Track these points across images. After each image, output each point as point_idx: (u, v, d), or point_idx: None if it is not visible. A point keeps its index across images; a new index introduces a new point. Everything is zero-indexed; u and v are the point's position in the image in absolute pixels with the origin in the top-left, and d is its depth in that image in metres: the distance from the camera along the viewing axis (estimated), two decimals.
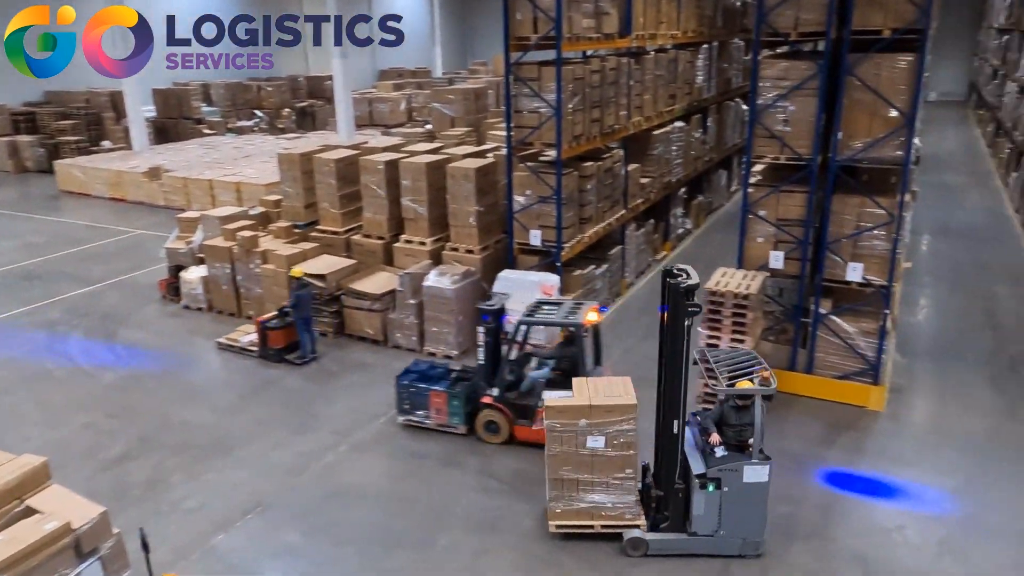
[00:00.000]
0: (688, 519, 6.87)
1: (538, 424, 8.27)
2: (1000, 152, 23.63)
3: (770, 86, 9.17)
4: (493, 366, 8.75)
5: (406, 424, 9.16)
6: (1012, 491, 7.84)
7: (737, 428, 6.83)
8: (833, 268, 9.33)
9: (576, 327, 8.41)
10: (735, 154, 19.78)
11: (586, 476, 6.91)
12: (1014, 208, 18.78)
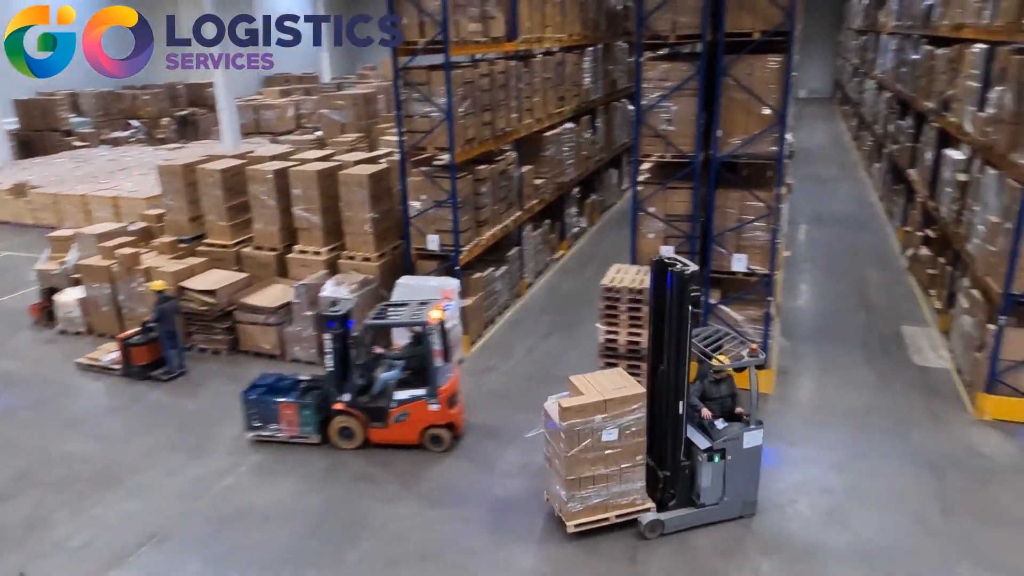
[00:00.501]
0: (694, 493, 7.23)
1: (392, 425, 8.61)
2: (864, 144, 25.42)
3: (653, 87, 9.50)
4: (343, 372, 8.74)
5: (256, 440, 8.93)
6: (888, 460, 8.44)
7: (718, 400, 7.35)
8: (719, 260, 9.77)
9: (422, 326, 8.54)
10: (624, 153, 20.37)
11: (602, 471, 7.00)
12: (878, 196, 20.23)
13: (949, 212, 11.87)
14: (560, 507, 7.19)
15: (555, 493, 7.30)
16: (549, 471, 7.43)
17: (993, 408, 9.09)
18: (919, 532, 7.26)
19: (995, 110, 9.81)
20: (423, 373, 8.67)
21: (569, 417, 6.79)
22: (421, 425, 8.67)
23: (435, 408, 8.62)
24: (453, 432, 8.84)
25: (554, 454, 7.18)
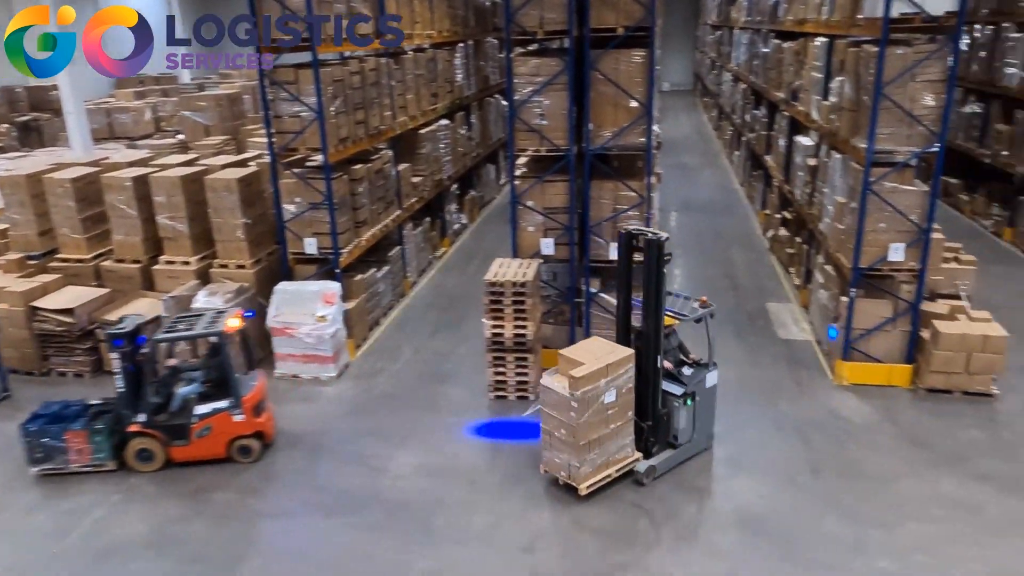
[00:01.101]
0: (671, 435, 8.12)
1: (195, 441, 8.29)
2: (724, 134, 26.87)
3: (524, 82, 9.64)
4: (136, 391, 8.30)
5: (43, 474, 8.30)
6: (761, 429, 8.99)
7: (671, 352, 8.25)
8: (598, 250, 10.06)
9: (218, 336, 8.29)
10: (500, 148, 20.57)
11: (604, 431, 7.55)
12: (740, 182, 21.46)
13: (802, 195, 12.76)
14: (569, 474, 7.62)
15: (560, 462, 7.65)
16: (549, 443, 7.73)
17: (849, 374, 9.86)
18: (791, 493, 7.78)
19: (836, 99, 10.62)
20: (224, 384, 8.38)
21: (581, 386, 7.22)
22: (227, 438, 8.36)
23: (240, 419, 8.34)
24: (263, 441, 8.59)
25: (559, 425, 7.50)
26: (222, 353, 8.34)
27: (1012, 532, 7.10)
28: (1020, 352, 10.20)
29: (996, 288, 12.59)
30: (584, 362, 7.39)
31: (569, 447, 7.48)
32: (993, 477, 7.90)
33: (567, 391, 7.30)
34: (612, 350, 7.71)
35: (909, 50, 8.81)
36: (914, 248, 9.34)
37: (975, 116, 17.05)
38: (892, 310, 9.62)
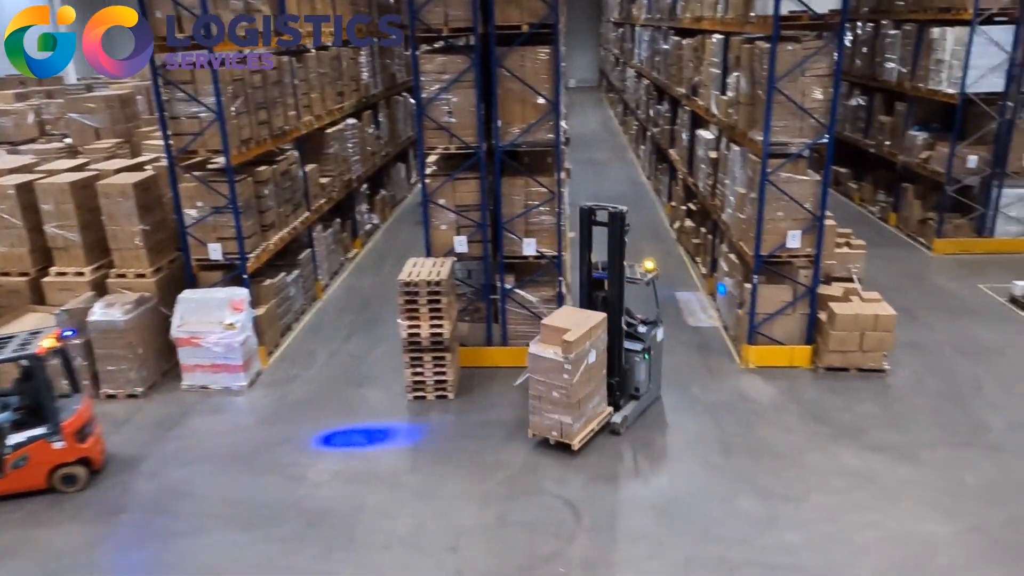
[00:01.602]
0: (633, 388, 9.07)
1: (9, 473, 7.72)
2: (630, 129, 27.52)
3: (431, 80, 9.59)
4: None
5: None
6: (675, 413, 9.26)
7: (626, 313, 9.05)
8: (511, 245, 10.12)
9: (30, 359, 7.72)
10: (410, 147, 20.38)
11: (589, 390, 8.35)
12: (646, 175, 22.03)
13: (705, 187, 13.22)
14: (561, 432, 8.33)
15: (550, 423, 8.37)
16: (539, 408, 8.36)
17: (755, 357, 10.30)
18: (707, 474, 8.07)
19: (733, 93, 11.05)
20: (40, 410, 7.83)
21: (573, 349, 7.96)
22: (47, 467, 7.81)
23: (61, 446, 7.79)
24: (90, 467, 8.07)
25: (551, 388, 8.18)
26: (36, 377, 7.74)
27: (906, 497, 7.58)
28: (907, 329, 10.92)
29: (884, 270, 13.43)
30: (569, 328, 8.12)
31: (563, 407, 8.19)
32: (887, 447, 8.41)
33: (560, 356, 7.99)
34: (588, 316, 8.49)
35: (798, 46, 9.25)
36: (809, 235, 9.83)
37: (860, 108, 18.09)
38: (792, 294, 10.10)
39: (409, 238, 16.45)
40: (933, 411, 9.13)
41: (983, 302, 12.33)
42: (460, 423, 9.23)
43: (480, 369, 10.42)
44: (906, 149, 15.69)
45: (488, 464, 8.33)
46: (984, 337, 11.02)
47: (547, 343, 8.21)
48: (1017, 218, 14.52)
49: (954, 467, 8.04)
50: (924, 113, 15.62)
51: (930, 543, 6.94)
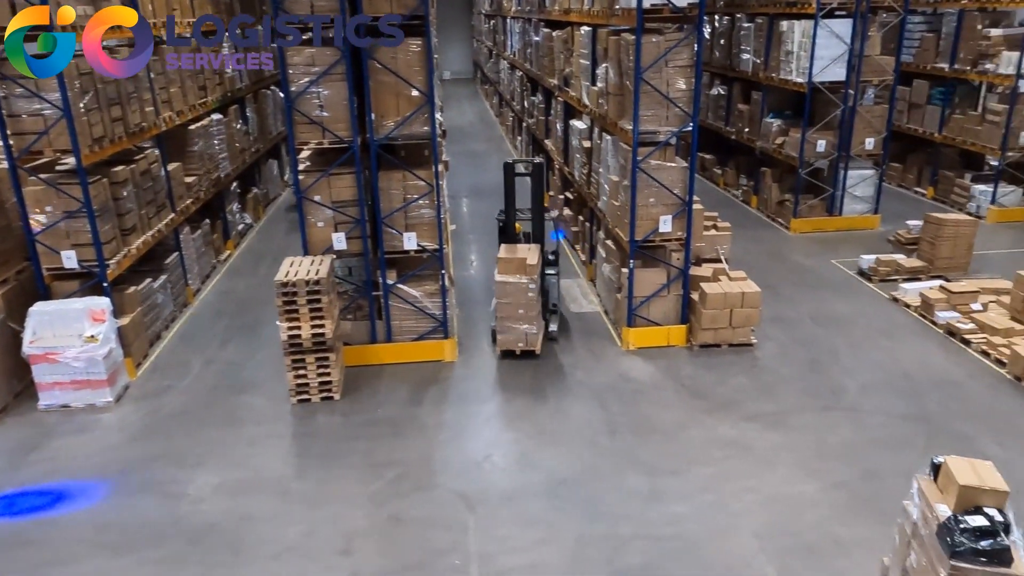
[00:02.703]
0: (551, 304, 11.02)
1: None
2: (506, 120, 27.76)
3: (301, 73, 9.27)
4: None
5: None
6: (562, 398, 9.48)
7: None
8: (391, 240, 9.99)
9: None
10: (282, 142, 19.68)
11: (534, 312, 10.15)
12: None
13: (581, 175, 13.54)
14: (526, 341, 10.25)
15: (515, 337, 10.25)
16: (505, 327, 10.17)
17: (635, 339, 10.68)
18: (594, 456, 8.30)
19: (603, 84, 11.36)
20: None
21: (532, 272, 9.98)
22: None
23: None
24: None
25: (518, 307, 10.04)
26: None
27: (777, 461, 8.10)
28: (771, 304, 11.65)
29: (748, 250, 14.26)
30: (523, 257, 10.01)
31: (527, 320, 10.14)
32: (759, 416, 8.96)
33: (524, 279, 9.96)
34: (527, 248, 10.37)
35: (662, 38, 9.62)
36: (680, 219, 10.27)
37: (721, 98, 19.07)
38: (666, 277, 10.53)
39: (285, 237, 15.91)
40: (797, 379, 9.79)
41: (836, 276, 13.33)
42: (348, 424, 9.04)
43: (366, 367, 10.24)
44: (763, 135, 16.70)
45: (379, 463, 8.21)
46: (838, 308, 11.92)
47: (507, 272, 9.96)
48: (862, 197, 15.78)
49: (818, 430, 8.67)
50: (778, 101, 16.67)
51: (799, 502, 7.45)
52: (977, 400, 9.24)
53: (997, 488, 4.90)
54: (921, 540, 5.11)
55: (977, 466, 5.08)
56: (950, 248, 12.95)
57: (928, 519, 5.05)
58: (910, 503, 5.36)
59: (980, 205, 16.32)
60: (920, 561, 5.10)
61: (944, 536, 4.79)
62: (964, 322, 10.83)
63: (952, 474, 4.98)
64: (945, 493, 5.07)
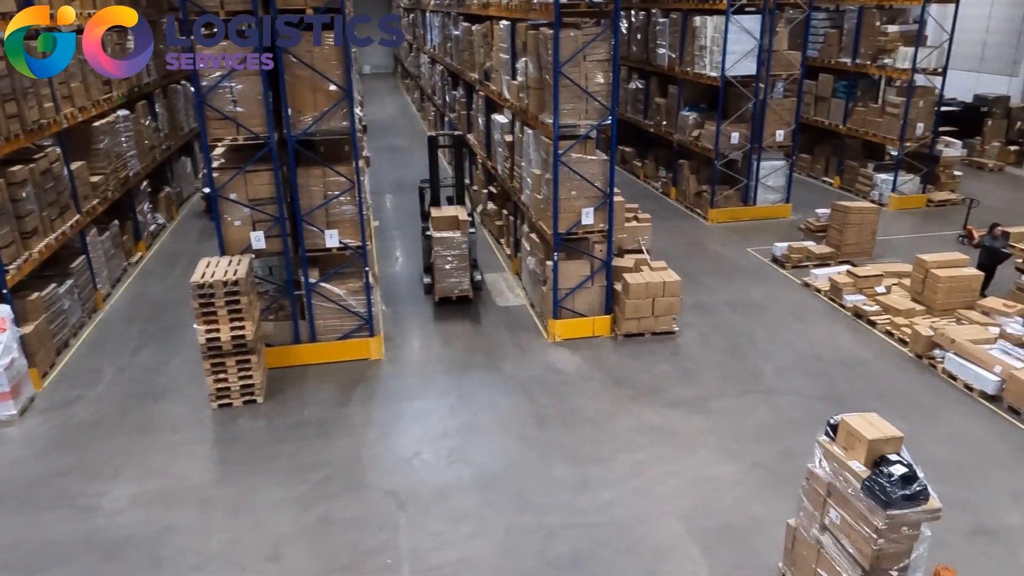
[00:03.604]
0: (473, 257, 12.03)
1: None
2: (428, 115, 27.55)
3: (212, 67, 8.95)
4: None
5: None
6: (491, 393, 9.52)
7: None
8: (312, 238, 9.79)
9: None
10: (194, 139, 18.99)
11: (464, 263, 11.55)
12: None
13: (504, 169, 13.58)
14: (460, 289, 11.64)
15: (451, 286, 11.63)
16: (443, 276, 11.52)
17: (561, 330, 10.80)
18: (523, 448, 8.36)
19: (523, 78, 11.41)
20: None
21: (465, 228, 11.38)
22: None
23: None
24: None
25: (454, 259, 11.45)
26: None
27: (699, 445, 8.36)
28: (692, 293, 11.98)
29: (668, 240, 14.62)
30: (455, 214, 11.46)
31: (462, 270, 11.56)
32: (681, 403, 9.21)
33: (457, 233, 11.32)
34: (456, 209, 11.85)
35: (579, 33, 9.73)
36: (601, 211, 10.44)
37: (639, 91, 19.43)
38: (590, 268, 10.69)
39: (201, 237, 15.38)
40: (717, 365, 10.11)
41: (752, 263, 13.82)
42: (272, 427, 8.83)
43: (290, 369, 10.03)
44: (680, 128, 17.12)
45: (305, 465, 8.06)
46: (754, 294, 12.37)
47: (441, 229, 11.41)
48: (774, 187, 16.40)
49: (737, 413, 8.98)
50: (693, 95, 17.12)
51: (721, 484, 7.71)
52: (883, 378, 9.75)
53: (896, 435, 5.38)
54: (842, 497, 5.46)
55: (870, 419, 5.54)
56: (856, 235, 13.60)
57: (847, 478, 5.39)
58: (815, 466, 5.70)
59: (882, 193, 17.19)
60: (845, 517, 5.46)
61: (875, 490, 5.16)
62: (870, 304, 11.40)
63: (856, 431, 5.40)
64: (852, 450, 5.46)
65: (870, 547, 5.23)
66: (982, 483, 7.63)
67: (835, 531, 5.59)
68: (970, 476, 7.74)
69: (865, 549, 5.29)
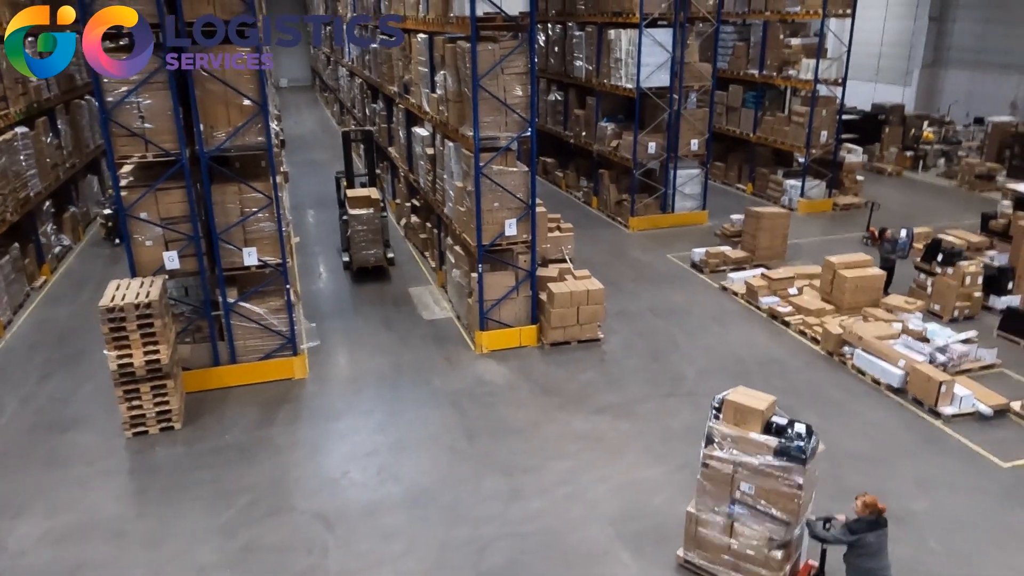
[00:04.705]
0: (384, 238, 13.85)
1: None
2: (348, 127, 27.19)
3: (117, 81, 8.62)
4: None
5: None
6: (420, 408, 9.43)
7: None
8: (230, 257, 9.51)
9: None
10: (101, 157, 18.20)
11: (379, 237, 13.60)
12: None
13: (426, 182, 13.54)
14: (375, 259, 13.62)
15: (370, 255, 13.63)
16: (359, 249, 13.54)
17: (488, 342, 10.82)
18: (454, 461, 8.32)
19: (442, 91, 11.42)
20: None
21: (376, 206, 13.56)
22: None
23: None
24: None
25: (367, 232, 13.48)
26: None
27: (627, 449, 8.50)
28: (615, 300, 12.21)
29: (591, 248, 14.86)
30: (369, 193, 13.72)
31: (376, 244, 13.58)
32: (608, 408, 9.35)
33: (372, 211, 13.41)
34: (370, 191, 13.92)
35: (496, 46, 9.82)
36: (524, 222, 10.53)
37: (558, 103, 19.73)
38: (515, 279, 10.75)
39: (111, 258, 14.74)
40: (642, 370, 10.32)
41: (672, 269, 14.19)
42: (191, 453, 8.51)
43: (210, 392, 9.70)
44: (599, 139, 17.46)
45: (228, 491, 7.80)
46: (675, 299, 12.69)
47: (357, 206, 13.42)
48: (691, 195, 16.90)
49: (662, 416, 9.18)
50: (611, 106, 17.50)
51: (649, 486, 7.86)
52: (797, 376, 10.16)
53: (771, 399, 6.11)
54: (754, 468, 5.95)
55: (745, 393, 6.18)
56: (768, 239, 14.15)
57: (753, 449, 5.93)
58: (714, 449, 6.17)
59: (792, 198, 17.96)
60: (760, 485, 5.98)
61: (790, 452, 5.78)
62: (783, 306, 11.87)
63: (746, 406, 6.05)
64: (744, 424, 6.04)
65: (794, 503, 5.85)
66: (891, 472, 8.02)
67: (750, 501, 6.05)
68: (880, 466, 8.13)
69: (790, 506, 5.88)
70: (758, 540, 6.10)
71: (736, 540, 6.22)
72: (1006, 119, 22.60)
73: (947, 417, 8.96)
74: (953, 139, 23.41)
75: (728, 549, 6.29)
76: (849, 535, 5.54)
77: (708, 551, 6.43)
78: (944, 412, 8.99)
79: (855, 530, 5.53)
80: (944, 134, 23.60)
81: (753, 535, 6.13)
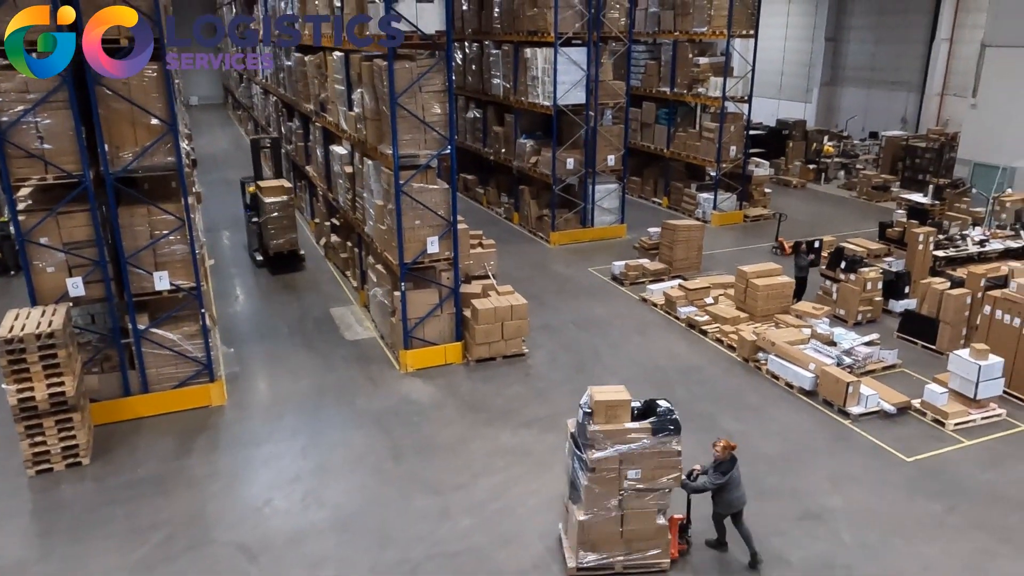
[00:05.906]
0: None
1: None
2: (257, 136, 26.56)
3: (13, 100, 8.20)
4: None
5: None
6: (344, 431, 9.26)
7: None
8: (140, 281, 9.14)
9: None
10: None
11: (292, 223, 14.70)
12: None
13: (346, 201, 13.37)
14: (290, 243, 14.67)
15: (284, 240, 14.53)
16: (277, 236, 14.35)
17: (412, 360, 10.73)
18: (380, 483, 8.19)
19: (360, 109, 11.34)
20: None
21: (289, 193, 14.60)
22: None
23: None
24: None
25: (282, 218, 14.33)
26: None
27: (555, 462, 8.53)
28: (539, 314, 12.33)
29: (513, 264, 14.99)
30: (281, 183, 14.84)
31: (291, 230, 14.56)
32: (535, 422, 9.41)
33: (285, 198, 14.35)
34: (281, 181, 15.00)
35: (413, 64, 9.83)
36: (446, 239, 10.53)
37: (477, 120, 19.86)
38: (438, 297, 10.72)
39: (10, 287, 13.91)
40: (566, 382, 10.44)
41: (593, 282, 14.44)
42: (102, 489, 8.09)
43: (121, 424, 9.26)
44: (519, 155, 17.66)
45: (143, 527, 7.45)
46: (597, 311, 12.92)
47: (271, 195, 14.37)
48: (609, 209, 17.27)
49: None
50: (529, 123, 17.75)
51: None
52: (716, 382, 10.48)
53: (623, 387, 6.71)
54: (634, 455, 6.49)
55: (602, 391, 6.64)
56: (684, 250, 14.59)
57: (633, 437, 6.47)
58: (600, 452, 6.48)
59: (705, 211, 18.60)
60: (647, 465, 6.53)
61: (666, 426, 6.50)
62: (700, 315, 12.25)
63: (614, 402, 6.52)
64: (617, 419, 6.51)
65: (678, 468, 6.59)
66: (806, 471, 8.37)
67: (638, 484, 6.55)
68: (796, 466, 8.47)
69: (674, 473, 6.58)
70: (647, 515, 6.64)
71: (627, 526, 6.66)
72: (898, 133, 24.13)
73: (855, 416, 9.42)
74: (851, 152, 24.79)
75: (620, 537, 6.70)
76: (722, 476, 6.63)
77: (602, 549, 6.73)
78: (852, 412, 9.45)
79: (725, 471, 6.65)
80: (843, 148, 24.95)
81: (641, 513, 6.64)
